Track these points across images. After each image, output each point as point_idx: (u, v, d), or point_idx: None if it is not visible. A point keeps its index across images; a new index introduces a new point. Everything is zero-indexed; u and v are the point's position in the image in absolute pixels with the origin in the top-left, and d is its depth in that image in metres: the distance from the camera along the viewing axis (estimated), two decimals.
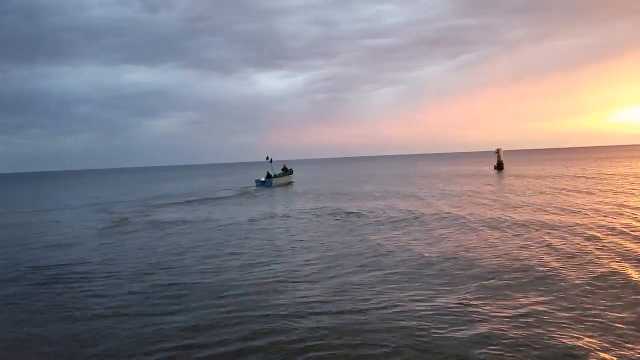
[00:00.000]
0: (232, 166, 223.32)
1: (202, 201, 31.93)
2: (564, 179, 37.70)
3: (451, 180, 43.41)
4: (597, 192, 25.34)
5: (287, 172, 49.36)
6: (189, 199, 33.64)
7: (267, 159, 46.30)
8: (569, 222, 16.10)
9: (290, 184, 47.71)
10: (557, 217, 17.42)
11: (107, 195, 44.21)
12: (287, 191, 38.85)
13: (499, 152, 56.10)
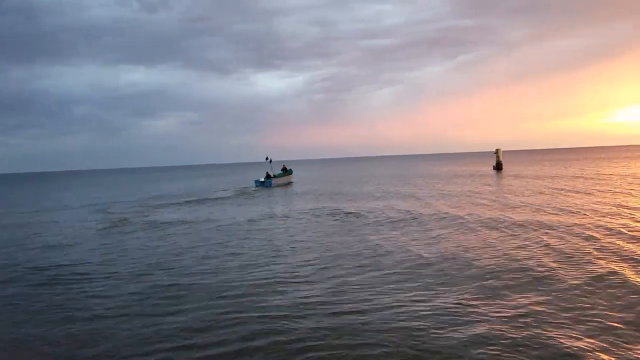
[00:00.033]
0: (231, 166, 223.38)
1: (201, 201, 31.94)
2: (563, 179, 37.77)
3: (450, 180, 43.46)
4: (595, 192, 25.40)
5: (286, 172, 49.39)
6: (188, 199, 33.65)
7: (267, 159, 46.32)
8: (567, 222, 16.13)
9: (289, 184, 47.71)
10: (556, 217, 17.46)
11: (107, 195, 44.18)
12: (286, 191, 38.87)
13: (497, 152, 56.17)
